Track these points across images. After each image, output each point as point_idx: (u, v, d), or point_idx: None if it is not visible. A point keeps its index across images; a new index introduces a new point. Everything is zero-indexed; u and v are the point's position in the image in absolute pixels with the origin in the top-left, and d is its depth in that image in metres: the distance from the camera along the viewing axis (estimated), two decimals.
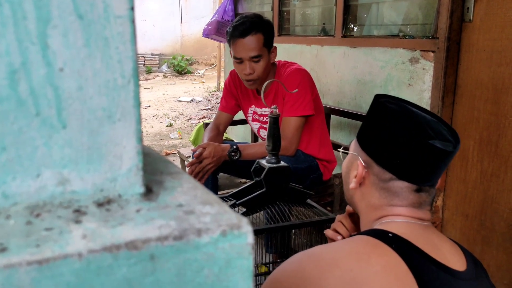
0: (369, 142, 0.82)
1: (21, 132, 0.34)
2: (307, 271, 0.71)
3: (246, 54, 1.83)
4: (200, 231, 0.33)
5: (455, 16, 1.87)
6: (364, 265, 0.68)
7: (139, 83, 0.38)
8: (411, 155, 0.76)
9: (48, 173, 0.36)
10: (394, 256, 0.70)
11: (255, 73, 1.86)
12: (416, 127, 0.77)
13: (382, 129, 0.80)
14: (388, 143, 0.79)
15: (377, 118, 0.82)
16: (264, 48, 1.86)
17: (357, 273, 0.68)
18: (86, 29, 0.34)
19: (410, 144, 0.76)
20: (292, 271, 0.74)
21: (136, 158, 0.38)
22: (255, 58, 1.84)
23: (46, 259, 0.29)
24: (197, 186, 0.42)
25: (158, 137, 5.30)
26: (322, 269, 0.70)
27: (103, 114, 0.36)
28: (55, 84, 0.34)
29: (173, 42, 11.47)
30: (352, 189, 0.85)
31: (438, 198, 2.05)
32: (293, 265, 0.75)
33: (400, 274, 0.68)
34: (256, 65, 1.86)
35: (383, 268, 0.68)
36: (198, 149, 1.79)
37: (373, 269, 0.68)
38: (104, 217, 0.35)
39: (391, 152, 0.78)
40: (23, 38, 0.33)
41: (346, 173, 0.89)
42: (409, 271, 0.68)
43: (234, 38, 1.84)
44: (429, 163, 0.77)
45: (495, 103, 1.79)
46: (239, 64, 1.88)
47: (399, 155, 0.77)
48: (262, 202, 1.30)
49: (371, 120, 0.84)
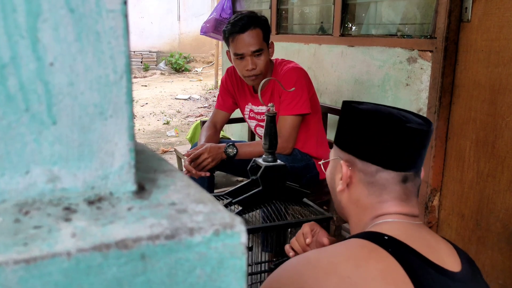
0: (348, 141, 0.84)
1: (10, 127, 0.34)
2: (304, 278, 0.70)
3: (247, 49, 1.81)
4: (192, 230, 0.33)
5: (453, 16, 1.86)
6: (362, 271, 0.67)
7: (132, 79, 0.37)
8: (391, 141, 0.78)
9: (38, 170, 0.35)
10: (391, 261, 0.69)
11: (258, 68, 1.84)
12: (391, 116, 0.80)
13: (358, 126, 0.82)
14: (367, 136, 0.80)
15: (352, 118, 0.84)
16: (263, 43, 1.85)
17: (355, 280, 0.67)
18: (78, 23, 0.34)
19: (388, 131, 0.78)
20: (289, 278, 0.73)
21: (128, 156, 0.37)
22: (256, 53, 1.82)
23: (33, 258, 0.29)
24: (191, 184, 0.42)
25: (155, 134, 5.29)
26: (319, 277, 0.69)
27: (94, 110, 0.36)
28: (45, 79, 0.34)
29: (171, 39, 11.45)
30: (340, 191, 0.85)
31: (434, 198, 2.05)
32: (289, 272, 0.74)
33: (397, 279, 0.67)
34: (258, 59, 1.84)
35: (381, 273, 0.67)
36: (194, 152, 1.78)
37: (371, 275, 0.67)
38: (94, 215, 0.34)
39: (371, 143, 0.80)
40: (12, 31, 0.32)
41: (331, 179, 0.90)
42: (406, 275, 0.67)
43: (233, 34, 1.82)
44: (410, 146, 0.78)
45: (492, 103, 1.79)
46: (240, 60, 1.85)
47: (380, 144, 0.79)
48: (258, 200, 1.30)
49: (346, 122, 0.85)
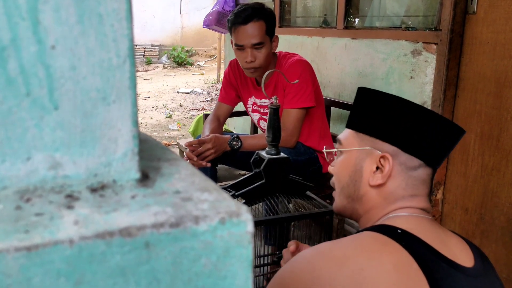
0: (391, 131, 0.78)
1: (10, 112, 0.33)
2: (317, 269, 0.69)
3: (247, 41, 1.80)
4: (197, 218, 0.32)
5: (459, 8, 1.84)
6: (375, 264, 0.66)
7: (135, 63, 0.36)
8: (439, 140, 0.75)
9: (39, 156, 0.34)
10: (405, 254, 0.67)
11: (257, 61, 1.83)
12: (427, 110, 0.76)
13: (406, 119, 0.77)
14: (416, 131, 0.76)
15: (386, 105, 0.79)
16: (266, 36, 1.83)
17: (368, 272, 0.65)
18: (80, 4, 0.33)
19: (434, 127, 0.74)
20: (302, 270, 0.71)
21: (131, 142, 0.36)
22: (257, 46, 1.81)
23: (35, 245, 0.28)
24: (195, 173, 0.41)
25: (157, 128, 5.28)
26: (332, 268, 0.68)
27: (97, 95, 0.35)
28: (47, 63, 0.33)
29: (173, 33, 11.40)
30: (374, 185, 0.80)
31: (438, 192, 2.04)
32: (302, 264, 0.72)
33: (411, 272, 0.66)
34: (258, 53, 1.83)
35: (394, 266, 0.66)
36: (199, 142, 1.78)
37: (384, 268, 0.66)
38: (97, 202, 0.33)
39: (420, 139, 0.76)
40: (12, 13, 0.31)
41: (353, 172, 0.84)
42: (419, 269, 0.66)
43: (235, 25, 1.81)
44: (451, 145, 0.76)
45: (497, 96, 1.78)
46: (240, 51, 1.84)
47: (428, 141, 0.75)
48: (261, 193, 1.29)
49: (380, 109, 0.80)
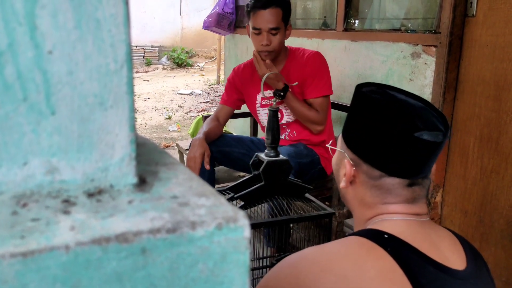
0: (355, 140, 0.78)
1: (7, 117, 0.33)
2: (301, 275, 0.69)
3: (265, 25, 1.91)
4: (194, 224, 0.32)
5: (458, 10, 1.84)
6: (359, 270, 0.66)
7: (133, 68, 0.36)
8: (399, 151, 0.72)
9: (36, 161, 0.34)
10: (389, 260, 0.67)
11: (272, 45, 1.94)
12: (402, 119, 0.72)
13: (366, 125, 0.76)
14: (374, 140, 0.74)
15: (361, 112, 0.77)
16: (282, 22, 1.94)
17: (352, 279, 0.66)
18: (77, 9, 0.33)
19: (397, 139, 0.72)
20: (287, 275, 0.71)
21: (129, 147, 0.36)
22: (273, 31, 1.92)
23: (31, 251, 0.28)
24: (193, 177, 0.41)
25: (157, 129, 5.28)
26: (316, 274, 0.68)
27: (94, 100, 0.35)
28: (44, 68, 0.33)
29: (173, 34, 11.41)
30: (343, 188, 0.82)
31: (437, 194, 2.04)
32: (287, 269, 0.72)
33: (395, 278, 0.66)
34: (273, 37, 1.94)
35: (378, 273, 0.66)
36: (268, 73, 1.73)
37: (368, 275, 0.66)
38: (94, 208, 0.33)
39: (378, 149, 0.74)
40: (9, 18, 0.31)
41: (336, 170, 0.87)
42: (404, 275, 0.66)
43: (255, 9, 1.92)
44: (419, 156, 0.72)
45: (496, 99, 1.78)
46: (257, 35, 1.95)
47: (387, 151, 0.73)
48: (260, 195, 1.29)
49: (355, 115, 0.79)
